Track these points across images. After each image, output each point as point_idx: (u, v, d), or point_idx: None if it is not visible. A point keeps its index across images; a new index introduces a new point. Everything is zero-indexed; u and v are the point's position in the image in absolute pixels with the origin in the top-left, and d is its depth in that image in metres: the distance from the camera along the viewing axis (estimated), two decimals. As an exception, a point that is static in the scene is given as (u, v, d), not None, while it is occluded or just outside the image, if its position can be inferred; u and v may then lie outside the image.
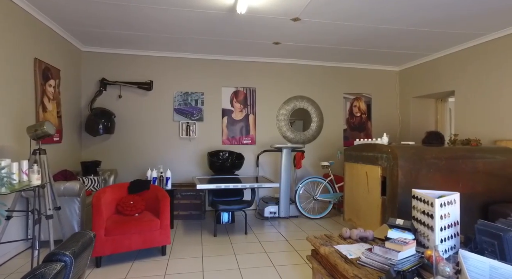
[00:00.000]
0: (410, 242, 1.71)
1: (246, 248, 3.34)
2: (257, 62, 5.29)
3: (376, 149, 3.17)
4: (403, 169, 2.84)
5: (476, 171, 3.05)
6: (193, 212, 4.56)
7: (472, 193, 3.03)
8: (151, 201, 3.25)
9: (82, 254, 0.86)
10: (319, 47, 4.59)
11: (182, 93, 5.05)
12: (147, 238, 2.88)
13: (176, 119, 5.02)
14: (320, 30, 3.87)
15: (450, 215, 1.94)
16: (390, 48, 4.62)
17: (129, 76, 4.86)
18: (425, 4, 3.12)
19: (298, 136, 5.40)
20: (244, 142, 5.24)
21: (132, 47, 4.67)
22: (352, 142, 5.54)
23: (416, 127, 5.46)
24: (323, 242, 2.15)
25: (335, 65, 5.52)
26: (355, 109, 5.64)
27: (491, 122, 4.01)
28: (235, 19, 3.54)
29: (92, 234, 0.98)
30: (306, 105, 5.43)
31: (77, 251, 0.82)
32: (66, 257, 0.78)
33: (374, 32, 3.93)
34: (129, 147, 4.87)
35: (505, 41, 3.83)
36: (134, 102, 4.89)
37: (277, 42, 4.37)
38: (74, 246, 0.82)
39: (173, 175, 4.95)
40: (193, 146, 5.07)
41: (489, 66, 4.04)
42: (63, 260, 0.77)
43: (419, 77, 5.26)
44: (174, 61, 5.04)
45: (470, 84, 4.31)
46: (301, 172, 5.35)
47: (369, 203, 3.28)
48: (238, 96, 5.24)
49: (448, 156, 2.98)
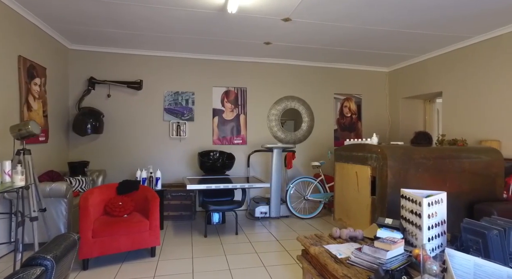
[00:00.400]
0: (398, 241, 1.73)
1: (237, 249, 3.33)
2: (248, 62, 5.28)
3: (366, 149, 3.19)
4: (392, 168, 2.87)
5: (462, 171, 3.11)
6: (184, 213, 4.52)
7: (459, 192, 3.09)
8: (140, 202, 3.21)
9: (65, 257, 0.83)
10: (310, 47, 4.61)
11: (173, 93, 5.00)
12: (136, 239, 2.84)
13: (166, 119, 4.97)
14: (311, 30, 3.88)
15: (437, 214, 1.97)
16: (380, 50, 4.67)
17: (118, 75, 4.78)
18: (412, 7, 3.17)
19: (289, 136, 5.41)
20: (235, 142, 5.22)
21: (121, 45, 4.60)
22: (343, 142, 5.58)
23: (405, 128, 5.54)
24: (313, 242, 2.16)
25: (326, 65, 5.56)
26: (345, 109, 5.69)
27: (476, 123, 4.09)
28: (226, 18, 3.52)
29: (76, 236, 0.95)
30: (297, 105, 5.45)
31: (59, 254, 0.79)
32: (47, 261, 0.75)
33: (363, 33, 3.97)
34: (118, 147, 4.79)
35: (490, 44, 3.92)
36: (123, 101, 4.82)
37: (268, 42, 4.37)
38: (56, 249, 0.79)
39: (163, 175, 4.89)
40: (183, 146, 5.03)
41: (475, 68, 4.13)
42: (43, 264, 0.74)
43: (408, 78, 5.34)
44: (164, 61, 4.98)
45: (457, 86, 4.39)
46: (292, 172, 5.36)
47: (359, 203, 3.31)
48: (229, 96, 5.22)
49: (435, 155, 3.02)
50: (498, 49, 3.83)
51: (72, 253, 0.90)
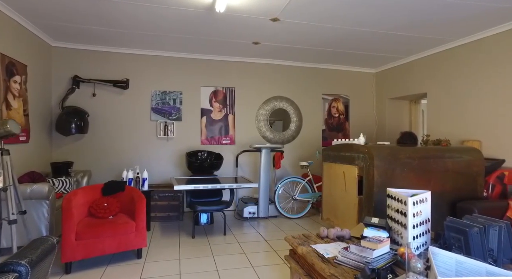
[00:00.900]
0: (384, 240, 1.75)
1: (225, 249, 3.31)
2: (237, 62, 5.26)
3: (353, 149, 3.23)
4: (379, 168, 2.91)
5: (446, 170, 3.18)
6: (171, 213, 4.46)
7: (442, 190, 3.16)
8: (126, 203, 3.14)
9: (42, 262, 0.79)
10: (298, 48, 4.63)
11: (160, 92, 4.94)
12: (122, 241, 2.78)
13: (153, 119, 4.89)
14: (299, 31, 3.90)
15: (422, 213, 2.00)
16: (367, 51, 4.73)
17: (104, 74, 4.68)
18: (396, 10, 3.22)
19: (277, 136, 5.42)
20: (223, 142, 5.19)
21: (107, 44, 4.50)
22: (331, 142, 5.63)
23: (392, 128, 5.63)
24: (301, 242, 2.16)
25: (314, 66, 5.59)
26: (333, 110, 5.74)
27: (459, 123, 4.20)
28: (214, 17, 3.49)
29: (54, 240, 0.91)
30: (286, 105, 5.46)
31: (36, 259, 0.75)
32: (21, 267, 0.71)
33: (350, 35, 4.01)
34: (103, 147, 4.69)
35: (470, 47, 4.03)
36: (109, 101, 4.72)
37: (256, 42, 4.36)
38: (32, 254, 0.75)
39: (150, 175, 4.82)
40: (171, 146, 4.97)
41: (457, 70, 4.24)
42: (17, 270, 0.70)
43: (394, 79, 5.43)
44: (152, 60, 4.91)
45: (440, 87, 4.50)
46: (280, 172, 5.37)
47: (346, 202, 3.34)
48: (217, 96, 5.19)
49: (420, 155, 3.08)
50: (478, 52, 3.94)
51: (50, 258, 0.86)
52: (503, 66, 3.66)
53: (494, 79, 3.76)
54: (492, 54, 3.79)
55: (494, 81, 3.76)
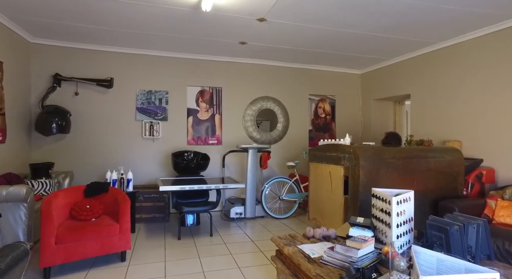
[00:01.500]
0: (369, 239, 1.77)
1: (211, 250, 3.28)
2: (224, 62, 5.23)
3: (339, 149, 3.26)
4: (364, 168, 2.95)
5: (428, 170, 3.25)
6: (157, 215, 4.39)
7: (425, 190, 3.24)
8: (110, 205, 3.06)
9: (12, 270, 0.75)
10: (285, 48, 4.64)
11: (145, 92, 4.85)
12: (105, 244, 2.71)
13: (138, 119, 4.80)
14: (286, 31, 3.91)
15: (405, 212, 2.04)
16: (352, 52, 4.79)
17: (87, 72, 4.56)
18: (380, 12, 3.27)
19: (264, 136, 5.42)
20: (210, 142, 5.15)
21: (90, 41, 4.38)
22: (317, 142, 5.67)
23: (377, 128, 5.73)
24: (287, 242, 2.16)
25: (301, 66, 5.63)
26: (320, 110, 5.79)
27: (441, 124, 4.31)
28: (200, 17, 3.45)
29: (28, 246, 0.87)
30: (272, 106, 5.47)
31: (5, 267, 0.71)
32: (-11, 275, 0.67)
33: (336, 36, 4.05)
34: (87, 147, 4.57)
35: (451, 50, 4.14)
36: (92, 100, 4.60)
37: (243, 42, 4.35)
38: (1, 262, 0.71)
39: (136, 176, 4.73)
40: (156, 146, 4.89)
41: (439, 72, 4.35)
42: (-18, 280, 0.66)
43: (379, 80, 5.53)
44: (137, 58, 4.81)
45: (423, 89, 4.60)
46: (267, 172, 5.37)
47: (333, 202, 3.37)
48: (204, 96, 5.15)
49: (404, 155, 3.14)
50: (459, 55, 4.06)
51: (22, 264, 0.82)
52: (481, 69, 3.78)
53: (473, 82, 3.88)
54: (471, 57, 3.91)
55: (473, 84, 3.88)
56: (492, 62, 3.67)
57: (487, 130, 3.70)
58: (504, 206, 2.89)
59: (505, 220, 2.83)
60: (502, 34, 3.56)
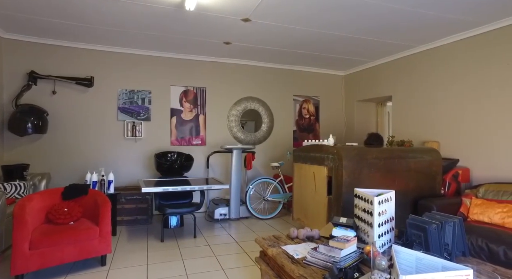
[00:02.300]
0: (351, 239, 1.80)
1: (195, 253, 3.24)
2: (208, 62, 5.18)
3: (322, 150, 3.30)
4: (347, 169, 3.00)
5: (409, 170, 3.35)
6: (139, 217, 4.30)
7: (405, 189, 3.32)
8: (89, 207, 2.97)
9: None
10: (270, 49, 4.65)
11: (128, 91, 4.74)
12: (84, 248, 2.62)
13: (120, 119, 4.69)
14: (270, 32, 3.92)
15: (386, 212, 2.08)
16: (336, 53, 4.87)
17: (66, 70, 4.41)
18: (361, 15, 3.33)
19: (249, 137, 5.41)
20: (194, 143, 5.10)
21: (69, 38, 4.23)
22: (301, 143, 5.72)
23: (360, 129, 5.84)
24: (271, 243, 2.16)
25: (285, 67, 5.66)
26: (304, 111, 5.85)
27: (420, 125, 4.45)
28: (184, 16, 3.41)
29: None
30: (257, 106, 5.47)
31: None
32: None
33: (320, 37, 4.10)
34: (65, 148, 4.41)
35: (430, 54, 4.28)
36: (71, 99, 4.45)
37: (227, 42, 4.33)
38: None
39: (117, 178, 4.61)
40: (139, 147, 4.79)
41: (418, 75, 4.48)
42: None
43: (362, 82, 5.64)
44: (119, 57, 4.70)
45: (404, 91, 4.73)
46: (251, 173, 5.37)
47: (316, 202, 3.40)
48: (188, 96, 5.09)
49: (386, 156, 3.22)
50: (437, 59, 4.20)
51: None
52: (457, 73, 3.93)
53: (451, 85, 4.02)
54: (447, 61, 4.06)
55: (451, 87, 4.02)
56: (467, 67, 3.82)
57: (463, 131, 3.85)
58: (477, 204, 3.01)
59: (478, 217, 2.94)
60: (475, 40, 3.71)
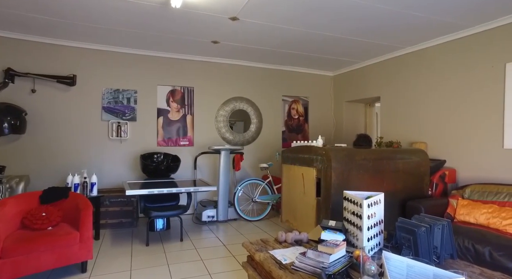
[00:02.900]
0: (340, 243, 1.75)
1: (181, 257, 3.15)
2: (196, 61, 5.09)
3: (311, 151, 3.26)
4: (336, 170, 2.97)
5: (397, 171, 3.35)
6: (124, 220, 4.18)
7: (394, 190, 3.32)
8: (70, 211, 2.84)
9: None
10: (258, 49, 4.60)
11: (113, 91, 4.60)
12: (63, 255, 2.50)
13: (105, 119, 4.54)
14: (259, 31, 3.86)
15: (376, 214, 2.05)
16: (324, 54, 4.85)
17: (46, 68, 4.24)
18: (349, 16, 3.32)
19: (237, 137, 5.34)
20: (181, 144, 4.99)
21: (50, 35, 4.07)
22: (290, 144, 5.69)
23: (349, 130, 5.85)
24: (259, 248, 2.10)
25: (274, 67, 5.62)
26: (293, 111, 5.81)
27: (408, 126, 4.47)
28: (170, 13, 3.32)
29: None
30: (246, 106, 5.41)
31: None
32: None
33: (309, 37, 4.07)
34: (46, 149, 4.24)
35: (417, 55, 4.31)
36: (52, 98, 4.28)
37: (215, 41, 4.25)
38: None
39: (102, 179, 4.47)
40: (124, 148, 4.65)
41: (406, 76, 4.51)
42: None
43: (350, 83, 5.65)
44: (103, 55, 4.55)
45: (392, 92, 4.76)
46: (240, 174, 5.30)
47: (305, 204, 3.36)
48: (175, 96, 4.98)
49: (375, 157, 3.21)
50: (424, 60, 4.23)
51: None
52: (443, 74, 3.97)
53: (437, 86, 4.06)
54: (434, 63, 4.09)
55: (437, 88, 4.06)
56: (452, 69, 3.85)
57: (450, 132, 3.89)
58: (464, 205, 3.03)
59: (464, 218, 2.96)
60: (461, 42, 3.75)
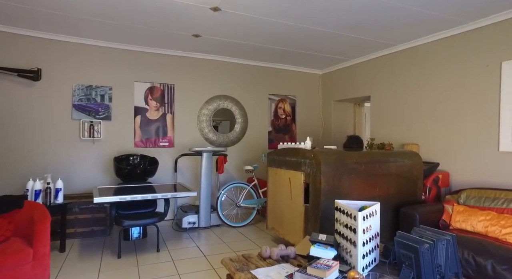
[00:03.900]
0: (333, 265, 1.50)
1: (156, 270, 2.84)
2: (176, 56, 4.76)
3: (299, 154, 3.02)
4: (326, 175, 2.73)
5: (390, 174, 3.14)
6: (96, 228, 3.82)
7: (387, 195, 3.12)
8: (23, 223, 2.49)
9: None
10: (244, 44, 4.32)
11: (84, 87, 4.22)
12: (12, 276, 2.15)
13: (76, 118, 4.17)
14: (243, 24, 3.59)
15: (371, 228, 1.82)
16: (313, 51, 4.63)
17: (5, 60, 3.83)
18: (341, 9, 3.09)
19: (221, 138, 5.05)
20: (161, 145, 4.66)
21: (6, 22, 3.66)
22: (277, 144, 5.44)
23: (337, 130, 5.65)
24: (239, 266, 1.83)
25: (261, 64, 5.35)
26: (280, 111, 5.57)
27: (400, 127, 4.30)
28: (147, 2, 3.00)
29: None
30: (230, 105, 5.12)
31: None
32: None
33: (296, 32, 3.83)
34: (4, 151, 3.83)
35: (409, 53, 4.14)
36: (12, 94, 3.87)
37: (197, 34, 3.95)
38: None
39: (72, 184, 4.09)
40: (98, 149, 4.28)
41: (397, 75, 4.34)
42: None
43: (339, 81, 5.45)
44: (73, 48, 4.17)
45: (383, 91, 4.58)
46: (224, 177, 5.01)
47: (292, 211, 3.12)
48: (154, 93, 4.64)
49: (367, 160, 2.99)
50: (415, 59, 4.07)
51: None
52: (436, 73, 3.81)
53: (430, 86, 3.89)
54: (427, 61, 3.93)
55: (430, 87, 3.89)
56: (447, 67, 3.69)
57: (443, 134, 3.72)
58: (460, 211, 2.86)
59: (461, 225, 2.78)
60: (455, 39, 3.59)
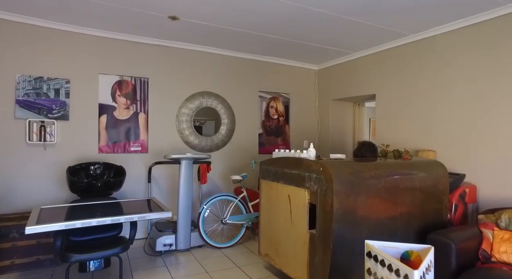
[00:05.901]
0: None
1: (113, 324, 2.12)
2: (151, 45, 4.01)
3: (302, 166, 2.35)
4: (340, 194, 2.08)
5: (413, 189, 2.53)
6: (42, 257, 3.04)
7: (409, 217, 2.51)
8: None
9: None
10: (230, 30, 3.63)
11: (32, 79, 3.43)
12: None
13: (20, 116, 3.37)
14: (230, 3, 2.90)
15: (433, 294, 1.17)
16: (312, 41, 3.98)
17: None
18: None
19: (204, 141, 4.33)
20: (132, 150, 3.91)
21: None
22: (269, 149, 4.78)
23: (335, 133, 5.03)
24: None
25: (250, 57, 4.66)
26: (272, 110, 4.90)
27: (411, 130, 3.72)
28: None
29: None
30: (215, 104, 4.41)
31: None
32: None
33: (290, 15, 3.17)
34: None
35: (424, 44, 3.57)
36: None
37: (173, 16, 3.22)
38: None
39: (11, 201, 3.29)
40: (51, 156, 3.49)
41: (411, 71, 3.75)
42: None
43: (338, 78, 4.84)
44: (18, 28, 3.36)
45: (391, 89, 3.99)
46: (207, 188, 4.30)
47: (293, 237, 2.45)
48: (124, 88, 3.88)
49: (387, 173, 2.36)
50: (433, 52, 3.49)
51: None
52: (458, 69, 3.24)
53: (450, 83, 3.32)
54: (447, 55, 3.35)
55: (450, 85, 3.32)
56: (473, 62, 3.13)
57: (466, 139, 3.16)
58: (504, 239, 2.27)
59: (508, 258, 2.20)
60: (485, 27, 3.02)
